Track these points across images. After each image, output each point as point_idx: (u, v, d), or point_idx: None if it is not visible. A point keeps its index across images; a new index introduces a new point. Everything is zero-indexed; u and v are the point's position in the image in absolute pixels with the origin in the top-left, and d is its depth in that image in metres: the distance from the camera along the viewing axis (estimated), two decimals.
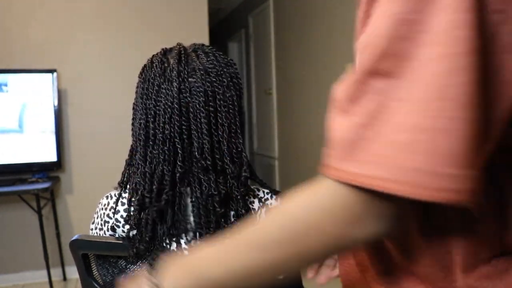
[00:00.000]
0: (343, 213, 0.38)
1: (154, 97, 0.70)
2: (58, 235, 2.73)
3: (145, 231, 0.69)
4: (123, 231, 0.74)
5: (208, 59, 0.73)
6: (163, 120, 0.69)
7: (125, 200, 0.75)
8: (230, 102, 0.72)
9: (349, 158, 0.37)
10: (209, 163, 0.69)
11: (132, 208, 0.72)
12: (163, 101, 0.69)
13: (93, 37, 2.77)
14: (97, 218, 0.79)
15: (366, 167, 0.35)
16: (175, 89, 0.68)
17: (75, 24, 2.73)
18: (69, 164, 2.76)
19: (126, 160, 0.78)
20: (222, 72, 0.72)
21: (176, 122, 0.69)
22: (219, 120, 0.70)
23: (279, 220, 0.43)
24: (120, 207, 0.75)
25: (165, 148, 0.69)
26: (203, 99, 0.69)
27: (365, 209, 0.37)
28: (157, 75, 0.71)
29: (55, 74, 2.57)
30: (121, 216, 0.74)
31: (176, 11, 2.91)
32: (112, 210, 0.75)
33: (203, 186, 0.69)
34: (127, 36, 2.82)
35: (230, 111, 0.72)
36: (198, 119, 0.69)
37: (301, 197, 0.42)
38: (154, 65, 0.72)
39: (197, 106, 0.69)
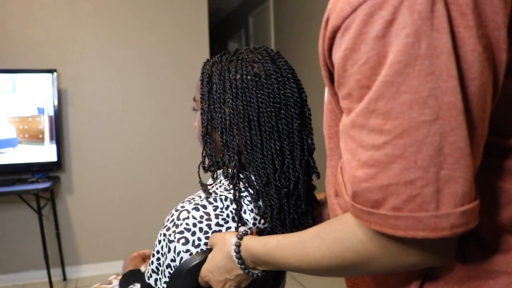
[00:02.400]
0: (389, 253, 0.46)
1: (283, 91, 0.75)
2: (58, 235, 2.73)
3: (288, 216, 0.76)
4: (258, 227, 0.75)
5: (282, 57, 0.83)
6: (293, 111, 0.76)
7: (248, 199, 0.75)
8: None
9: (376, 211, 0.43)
10: (314, 147, 0.80)
11: (263, 201, 0.74)
12: (292, 96, 0.76)
13: (93, 37, 2.77)
14: (194, 235, 0.71)
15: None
16: (294, 84, 0.77)
17: (75, 24, 2.73)
18: (69, 164, 2.76)
19: (234, 162, 0.75)
20: None
21: (300, 113, 0.77)
22: None
23: (341, 249, 0.49)
24: (245, 207, 0.75)
25: (301, 136, 0.77)
26: (305, 94, 0.80)
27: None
28: (278, 75, 0.76)
29: (55, 74, 2.57)
30: (257, 214, 0.75)
31: (176, 11, 2.91)
32: (224, 216, 0.73)
33: (311, 167, 0.80)
34: (127, 36, 2.82)
35: None
36: (307, 111, 0.80)
37: (358, 230, 0.48)
38: (269, 63, 0.76)
39: (305, 99, 0.80)
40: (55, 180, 2.61)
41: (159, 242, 0.72)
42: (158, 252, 0.73)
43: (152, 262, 0.74)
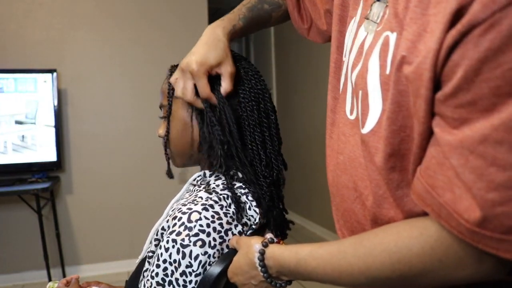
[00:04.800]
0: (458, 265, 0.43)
1: (259, 86, 0.80)
2: (58, 235, 2.73)
3: (277, 203, 0.82)
4: (261, 222, 0.76)
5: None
6: (269, 105, 0.81)
7: (250, 195, 0.77)
8: None
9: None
10: (281, 140, 0.86)
11: (255, 191, 0.77)
12: (266, 91, 0.82)
13: (93, 37, 2.77)
14: (209, 235, 0.69)
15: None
16: (264, 81, 0.83)
17: (75, 24, 2.73)
18: (69, 164, 2.76)
19: (224, 159, 0.76)
20: None
21: (273, 107, 0.83)
22: None
23: (391, 261, 0.47)
24: (249, 203, 0.76)
25: (277, 129, 0.82)
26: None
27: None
28: (254, 72, 0.82)
29: (55, 74, 2.57)
30: (256, 206, 0.76)
31: (176, 11, 2.91)
32: (231, 214, 0.72)
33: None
34: (127, 36, 2.82)
35: None
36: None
37: (413, 242, 0.45)
38: (243, 62, 0.82)
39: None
40: (55, 180, 2.61)
41: (166, 250, 0.68)
42: (165, 261, 0.68)
43: (157, 274, 0.68)
